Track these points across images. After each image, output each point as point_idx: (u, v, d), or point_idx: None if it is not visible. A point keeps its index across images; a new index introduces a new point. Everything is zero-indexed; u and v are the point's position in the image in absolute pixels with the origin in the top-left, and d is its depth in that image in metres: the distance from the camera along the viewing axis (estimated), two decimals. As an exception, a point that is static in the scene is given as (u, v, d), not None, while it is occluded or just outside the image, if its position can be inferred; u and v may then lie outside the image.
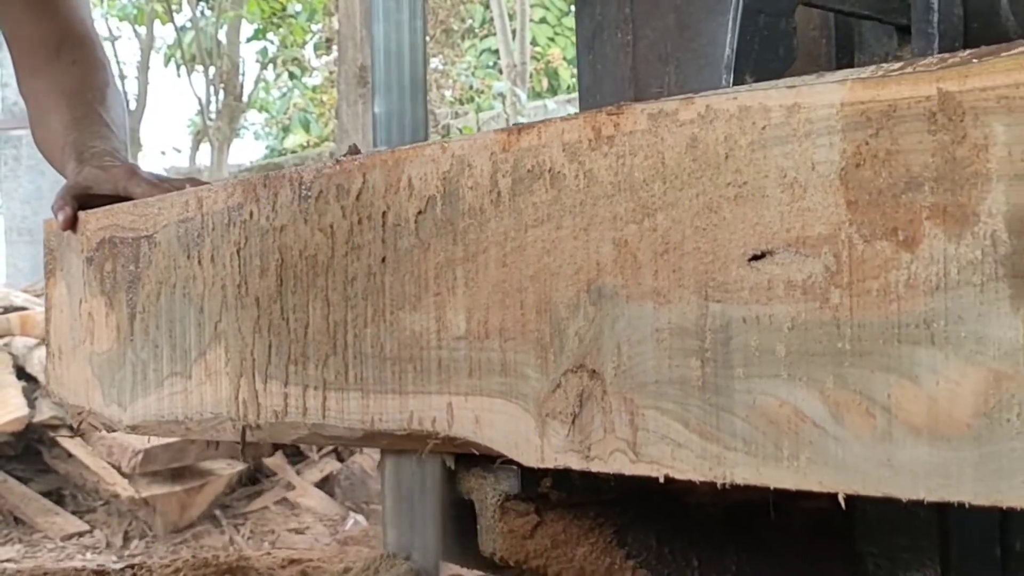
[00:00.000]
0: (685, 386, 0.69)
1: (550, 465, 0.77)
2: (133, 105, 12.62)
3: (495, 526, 0.88)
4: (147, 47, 13.04)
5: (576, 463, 0.75)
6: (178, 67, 13.36)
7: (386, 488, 0.96)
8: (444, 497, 0.94)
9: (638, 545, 0.91)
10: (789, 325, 0.64)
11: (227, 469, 3.70)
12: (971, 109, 0.57)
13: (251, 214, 1.00)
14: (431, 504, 0.95)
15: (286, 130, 14.60)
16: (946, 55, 0.59)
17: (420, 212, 0.85)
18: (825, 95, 0.62)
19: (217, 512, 3.71)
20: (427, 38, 1.16)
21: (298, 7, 14.00)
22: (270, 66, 14.75)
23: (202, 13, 13.16)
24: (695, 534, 0.93)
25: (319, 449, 3.90)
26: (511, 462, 0.80)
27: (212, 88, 12.61)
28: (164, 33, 13.71)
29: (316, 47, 14.65)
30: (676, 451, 0.69)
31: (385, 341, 0.88)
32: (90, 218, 1.27)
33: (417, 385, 0.86)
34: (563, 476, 0.88)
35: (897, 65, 0.61)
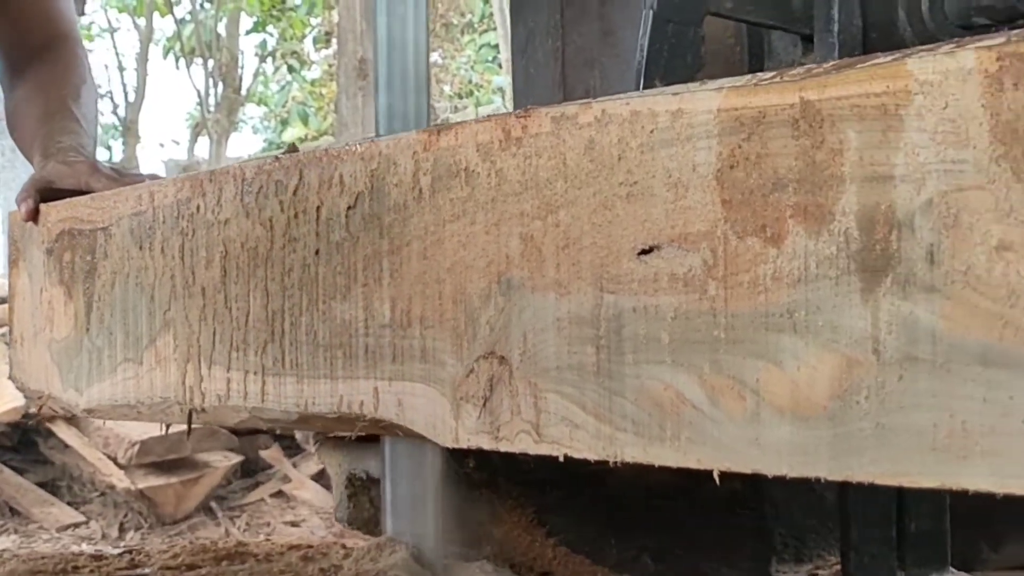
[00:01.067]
0: (582, 371, 0.74)
1: (464, 445, 0.82)
2: (132, 97, 12.63)
3: (421, 505, 0.93)
4: (146, 39, 13.04)
5: (487, 443, 0.80)
6: (177, 59, 13.37)
7: (385, 474, 0.98)
8: (443, 481, 0.97)
9: (559, 524, 0.96)
10: (672, 315, 0.69)
11: (223, 461, 3.72)
12: (828, 116, 0.62)
13: (198, 208, 1.05)
14: (430, 488, 0.97)
15: (285, 123, 14.61)
16: (812, 66, 0.64)
17: (350, 207, 0.90)
18: (704, 101, 0.67)
19: (213, 504, 3.74)
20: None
21: (297, 0, 14.01)
22: (269, 59, 14.74)
23: (201, 5, 13.17)
24: (615, 513, 0.98)
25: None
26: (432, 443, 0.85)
27: (211, 81, 12.62)
28: (163, 25, 13.70)
29: (315, 41, 14.65)
30: (574, 432, 0.74)
31: (318, 329, 0.93)
32: (51, 211, 1.32)
33: (346, 370, 0.91)
34: (485, 456, 0.93)
35: (769, 74, 0.66)
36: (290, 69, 14.78)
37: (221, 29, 13.00)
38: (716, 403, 0.67)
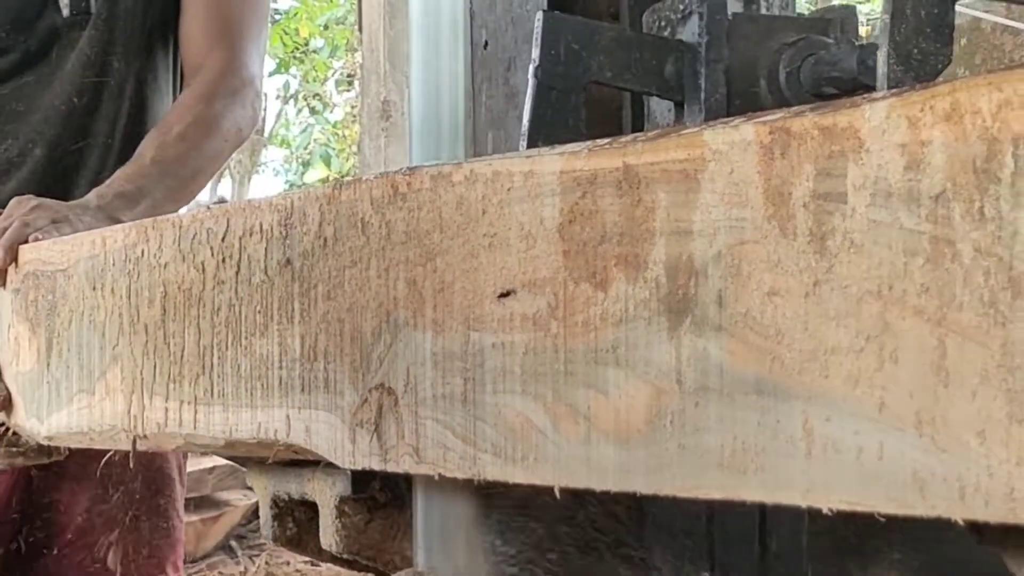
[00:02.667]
0: (453, 400, 0.83)
1: (360, 467, 0.92)
2: None
3: (332, 523, 1.02)
4: None
5: (377, 465, 0.90)
6: None
7: (417, 511, 1.01)
8: (474, 519, 1.00)
9: (459, 543, 1.05)
10: (523, 350, 0.79)
11: (243, 500, 3.76)
12: (644, 179, 0.72)
13: (142, 252, 1.15)
14: (462, 524, 1.00)
15: (307, 165, 14.72)
16: (639, 134, 0.74)
17: (267, 252, 1.00)
18: (550, 164, 0.77)
19: (232, 543, 3.78)
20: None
21: (320, 43, 14.15)
22: (291, 101, 14.86)
23: None
24: (513, 532, 1.07)
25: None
26: (335, 465, 0.95)
27: None
28: None
29: (338, 83, 14.77)
30: (447, 454, 0.84)
31: (241, 363, 1.03)
32: (23, 252, 1.42)
33: (264, 400, 1.00)
34: (390, 479, 1.03)
35: (603, 141, 0.76)
36: (312, 111, 14.92)
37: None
38: (557, 428, 0.76)
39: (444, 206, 0.84)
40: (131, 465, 1.16)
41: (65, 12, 1.69)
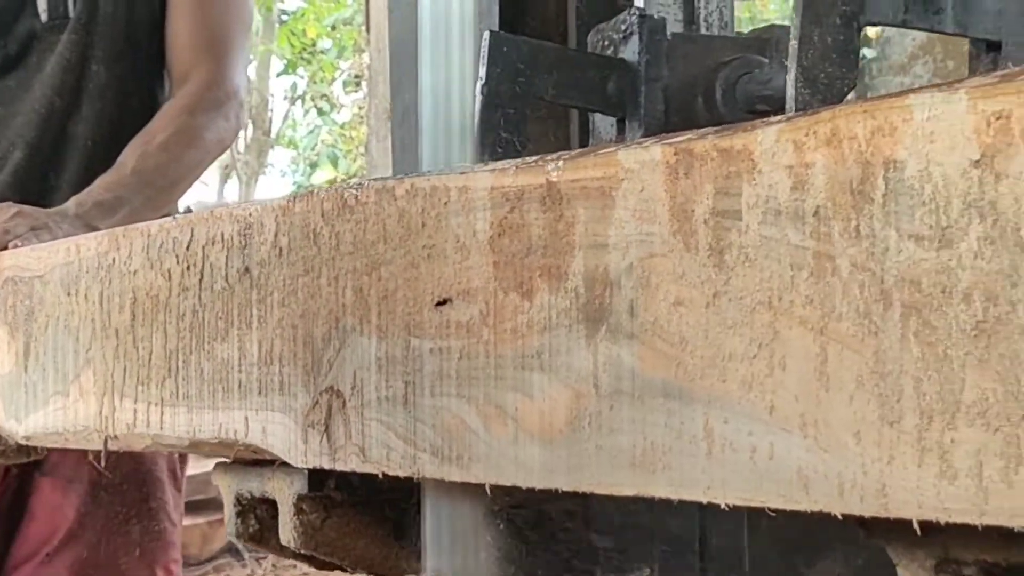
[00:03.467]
0: (395, 403, 0.88)
1: (311, 465, 0.96)
2: None
3: (291, 520, 1.07)
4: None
5: (327, 464, 0.95)
6: None
7: (426, 514, 1.03)
8: (486, 520, 1.01)
9: (412, 537, 1.10)
10: (459, 356, 0.83)
11: None
12: (565, 195, 0.76)
13: (113, 260, 1.20)
14: (473, 527, 1.01)
15: (314, 166, 14.73)
16: (562, 153, 0.79)
17: (228, 261, 1.04)
18: (482, 180, 0.82)
19: (239, 545, 3.82)
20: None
21: (328, 43, 14.17)
22: (299, 102, 14.85)
23: None
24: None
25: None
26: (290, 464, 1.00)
27: None
28: None
29: (345, 84, 14.76)
30: (389, 454, 0.89)
31: (204, 366, 1.08)
32: (3, 258, 1.47)
33: (224, 402, 1.05)
34: (345, 478, 1.07)
35: (532, 159, 0.81)
36: (319, 112, 14.93)
37: (251, 72, 13.17)
38: (488, 429, 0.81)
39: (388, 219, 0.89)
40: (101, 464, 1.21)
41: (44, 17, 1.74)
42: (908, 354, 0.60)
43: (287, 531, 1.08)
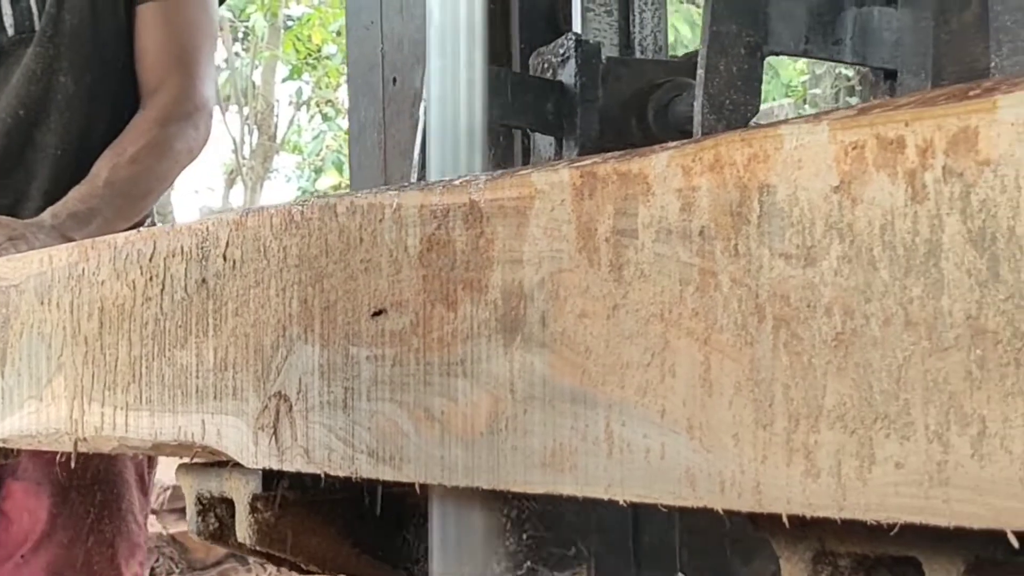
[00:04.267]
0: (336, 407, 0.93)
1: (261, 466, 1.02)
2: None
3: (246, 518, 1.12)
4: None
5: (275, 464, 1.00)
6: None
7: (432, 519, 1.05)
8: (492, 523, 1.02)
9: (363, 537, 1.15)
10: (392, 363, 0.89)
11: None
12: (486, 213, 0.82)
13: (83, 270, 1.26)
14: (479, 532, 1.01)
15: (319, 171, 14.74)
16: (484, 174, 0.85)
17: (187, 272, 1.10)
18: (413, 199, 0.88)
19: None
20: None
21: (333, 49, 14.20)
22: (304, 107, 14.86)
23: (237, 54, 13.36)
24: (412, 529, 1.17)
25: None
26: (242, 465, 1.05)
27: (246, 128, 12.76)
28: None
29: (350, 89, 14.73)
30: (331, 455, 0.94)
31: (165, 372, 1.13)
32: (-18, 268, 1.53)
33: (184, 406, 1.11)
34: (298, 479, 1.13)
35: (457, 179, 0.86)
36: (324, 117, 14.95)
37: (257, 77, 13.19)
38: (418, 431, 0.87)
39: (329, 234, 0.95)
40: (72, 466, 1.26)
41: (10, 31, 1.80)
42: (778, 363, 0.65)
43: (243, 529, 1.13)
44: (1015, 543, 0.56)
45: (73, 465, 1.27)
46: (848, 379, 0.62)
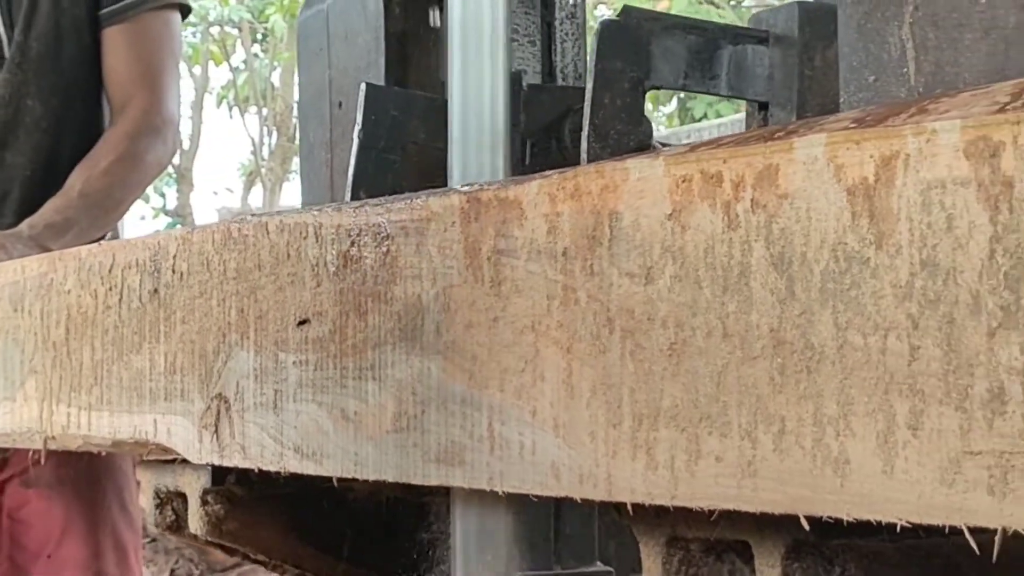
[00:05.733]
0: (267, 408, 1.02)
1: (205, 462, 1.11)
2: (186, 145, 12.91)
3: (198, 511, 1.21)
4: (201, 88, 13.28)
5: (217, 460, 1.09)
6: (231, 108, 13.63)
7: (455, 521, 1.09)
8: (514, 520, 1.04)
9: (308, 529, 1.24)
10: (314, 367, 0.98)
11: None
12: (391, 232, 0.91)
13: (52, 280, 1.35)
14: (503, 531, 1.04)
15: (337, 172, 14.78)
16: (391, 197, 0.94)
17: (141, 283, 1.19)
18: (331, 218, 0.96)
19: None
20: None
21: (351, 50, 14.22)
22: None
23: (256, 55, 13.42)
24: (352, 522, 1.26)
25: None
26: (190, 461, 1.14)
27: (265, 129, 12.81)
28: (218, 74, 13.91)
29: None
30: (264, 451, 1.03)
31: (122, 375, 1.22)
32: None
33: (139, 407, 1.20)
34: (245, 474, 1.22)
35: (373, 201, 0.95)
36: (342, 119, 14.96)
37: (275, 78, 13.25)
38: (336, 430, 0.96)
39: (262, 249, 1.04)
40: (41, 461, 1.35)
41: None
42: (626, 369, 0.74)
43: (195, 521, 1.22)
44: (806, 526, 0.65)
45: (44, 459, 1.36)
46: (680, 384, 0.71)
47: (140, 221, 12.78)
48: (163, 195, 13.54)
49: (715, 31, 1.06)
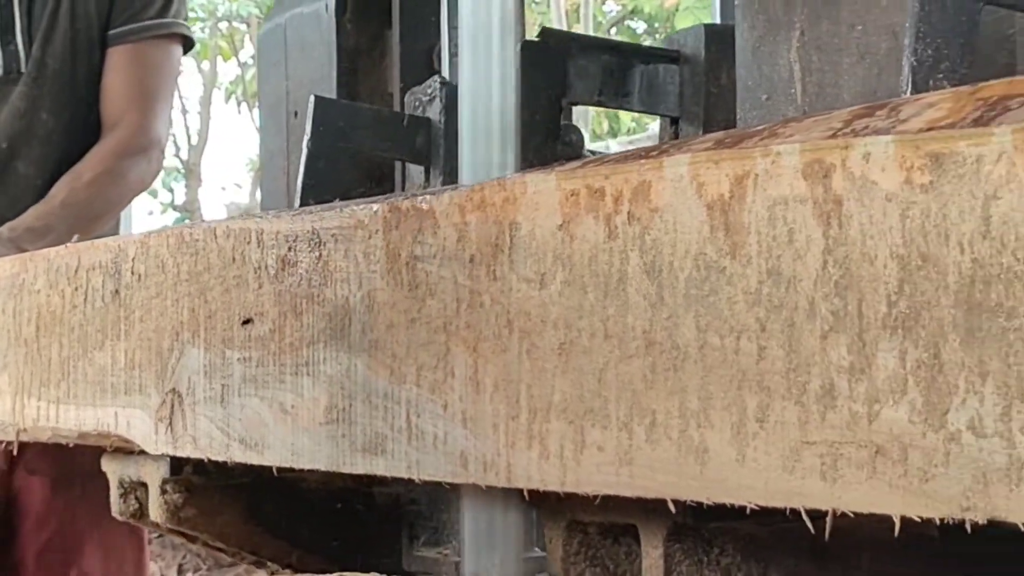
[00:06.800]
0: (215, 402, 1.09)
1: (161, 452, 1.18)
2: (195, 140, 12.98)
3: (157, 500, 1.28)
4: (210, 83, 13.33)
5: (171, 451, 1.16)
6: (239, 103, 13.68)
7: (464, 517, 1.06)
8: (523, 522, 1.01)
9: (264, 517, 1.31)
10: (256, 364, 1.04)
11: None
12: (324, 239, 0.97)
13: (23, 280, 1.42)
14: (512, 530, 1.01)
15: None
16: (327, 205, 1.00)
17: (104, 284, 1.26)
18: (271, 225, 1.03)
19: None
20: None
21: (357, 46, 14.25)
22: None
23: None
24: (305, 511, 1.33)
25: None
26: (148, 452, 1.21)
27: None
28: (227, 69, 13.92)
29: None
30: (212, 443, 1.10)
31: (87, 371, 1.29)
32: (-53, 275, 1.69)
33: (102, 401, 1.27)
34: (202, 465, 1.28)
35: (307, 209, 1.02)
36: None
37: None
38: (277, 421, 1.02)
39: (211, 253, 1.10)
40: (13, 453, 1.42)
41: (0, 72, 1.98)
42: (523, 366, 0.81)
43: (155, 510, 1.29)
44: (672, 509, 0.72)
45: (16, 451, 1.43)
46: (569, 380, 0.78)
47: (148, 216, 12.85)
48: (171, 190, 13.61)
49: (628, 51, 1.12)
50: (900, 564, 0.86)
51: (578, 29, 10.44)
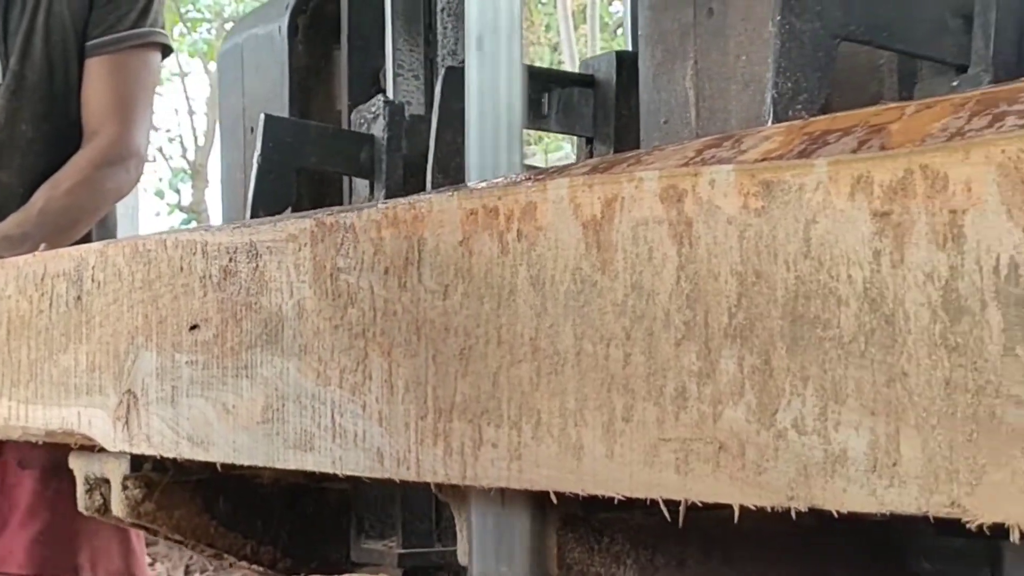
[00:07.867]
0: (166, 402, 1.17)
1: (119, 450, 1.25)
2: (201, 141, 13.05)
3: (119, 496, 1.36)
4: (216, 84, 13.35)
5: (128, 448, 1.23)
6: None
7: (472, 521, 1.03)
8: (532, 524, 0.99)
9: (219, 511, 1.39)
10: (202, 367, 1.12)
11: None
12: (260, 251, 1.05)
13: (-5, 286, 1.49)
14: (519, 532, 0.99)
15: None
16: (265, 219, 1.07)
17: (67, 290, 1.33)
18: (215, 237, 1.11)
19: None
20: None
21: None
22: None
23: None
24: (258, 505, 1.41)
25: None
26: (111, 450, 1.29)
27: None
28: None
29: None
30: (164, 440, 1.17)
31: (53, 373, 1.37)
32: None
33: (65, 401, 1.34)
34: (160, 462, 1.36)
35: (247, 222, 1.09)
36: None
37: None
38: (220, 420, 1.10)
39: (162, 263, 1.18)
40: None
41: None
42: (430, 369, 0.88)
43: (117, 505, 1.37)
44: (555, 501, 0.79)
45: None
46: (468, 383, 0.85)
47: (156, 218, 12.91)
48: (178, 192, 13.67)
49: (545, 75, 1.19)
50: (780, 551, 0.93)
51: (584, 30, 10.52)
